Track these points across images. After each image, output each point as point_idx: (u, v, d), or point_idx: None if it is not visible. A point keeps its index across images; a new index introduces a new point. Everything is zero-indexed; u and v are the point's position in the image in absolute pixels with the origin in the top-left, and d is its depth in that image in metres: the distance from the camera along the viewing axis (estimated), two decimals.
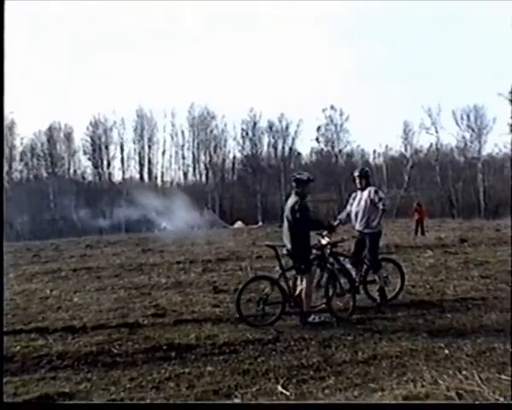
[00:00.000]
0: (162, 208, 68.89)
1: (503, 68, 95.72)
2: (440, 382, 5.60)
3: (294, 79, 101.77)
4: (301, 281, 8.74)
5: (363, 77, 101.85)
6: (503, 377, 5.71)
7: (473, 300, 9.80)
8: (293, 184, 8.89)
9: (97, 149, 76.05)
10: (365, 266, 9.85)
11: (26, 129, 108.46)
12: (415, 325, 8.25)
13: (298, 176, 8.94)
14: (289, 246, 8.75)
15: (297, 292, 8.87)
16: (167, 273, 15.00)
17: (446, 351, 6.77)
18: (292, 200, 8.81)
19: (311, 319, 8.58)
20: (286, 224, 8.85)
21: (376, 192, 9.83)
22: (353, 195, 10.28)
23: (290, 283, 9.04)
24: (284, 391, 5.69)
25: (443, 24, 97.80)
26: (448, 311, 9.02)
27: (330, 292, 8.91)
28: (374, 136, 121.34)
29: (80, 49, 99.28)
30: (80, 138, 76.78)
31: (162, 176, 79.62)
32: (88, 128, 75.84)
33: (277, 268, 9.20)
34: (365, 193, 9.88)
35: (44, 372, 6.60)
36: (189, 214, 69.17)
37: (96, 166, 76.85)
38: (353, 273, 9.47)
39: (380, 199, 9.72)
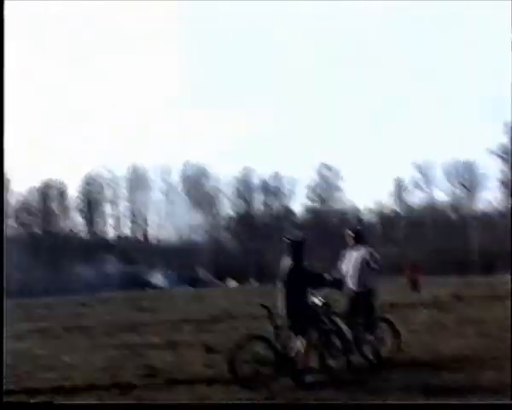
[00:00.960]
0: (155, 267, 68.83)
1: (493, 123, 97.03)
2: None
3: (288, 136, 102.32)
4: (297, 341, 8.65)
5: (353, 134, 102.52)
6: None
7: (468, 359, 9.68)
8: (286, 247, 8.86)
9: (91, 206, 76.13)
10: (360, 326, 9.74)
11: (20, 185, 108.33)
12: (410, 384, 8.12)
13: (290, 239, 8.91)
14: (285, 306, 8.68)
15: (292, 353, 8.79)
16: (160, 332, 14.86)
17: None
18: (287, 262, 8.77)
19: (307, 379, 8.47)
20: (282, 284, 8.77)
21: (371, 254, 9.81)
22: (346, 253, 10.23)
23: (284, 343, 8.95)
24: None
25: (433, 77, 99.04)
26: (444, 370, 8.90)
27: (325, 352, 8.84)
28: (366, 193, 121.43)
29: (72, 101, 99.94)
30: (74, 195, 77.02)
31: (156, 234, 79.47)
32: (81, 185, 76.09)
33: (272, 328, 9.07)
34: (359, 252, 9.85)
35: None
36: (183, 273, 69.14)
37: (89, 224, 76.79)
38: (348, 334, 9.34)
39: (375, 261, 9.70)
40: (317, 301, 9.03)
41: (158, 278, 67.48)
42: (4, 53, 4.95)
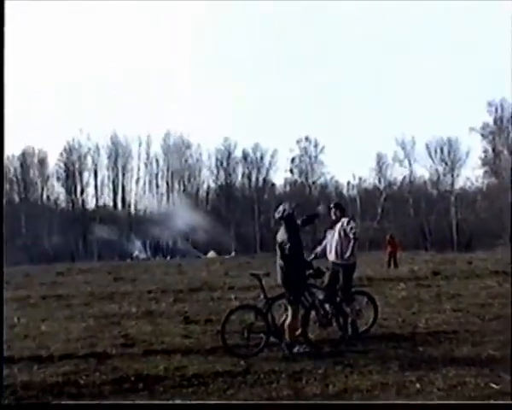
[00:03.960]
0: (135, 236, 68.74)
1: (476, 102, 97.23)
2: None
3: (269, 108, 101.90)
4: (287, 311, 8.72)
5: (336, 107, 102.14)
6: None
7: (444, 333, 9.76)
8: (282, 221, 8.84)
9: (71, 175, 75.57)
10: (338, 299, 9.77)
11: None
12: (386, 358, 8.18)
13: (287, 212, 8.84)
14: (282, 276, 8.72)
15: (281, 322, 8.85)
16: (138, 302, 14.86)
17: (418, 385, 6.71)
18: (282, 233, 8.77)
19: (295, 349, 8.53)
20: (279, 254, 8.79)
21: (348, 222, 9.84)
22: (329, 229, 10.25)
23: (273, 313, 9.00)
24: None
25: (419, 53, 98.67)
26: (420, 344, 8.97)
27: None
28: (348, 168, 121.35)
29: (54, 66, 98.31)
30: (54, 164, 76.32)
31: (136, 204, 79.20)
32: (62, 154, 75.43)
33: (262, 297, 9.08)
34: (338, 224, 9.88)
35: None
36: (162, 243, 69.12)
37: (69, 193, 76.27)
38: (327, 306, 9.36)
39: (351, 228, 9.72)
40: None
41: (137, 248, 67.50)
42: (4, 53, 4.85)
